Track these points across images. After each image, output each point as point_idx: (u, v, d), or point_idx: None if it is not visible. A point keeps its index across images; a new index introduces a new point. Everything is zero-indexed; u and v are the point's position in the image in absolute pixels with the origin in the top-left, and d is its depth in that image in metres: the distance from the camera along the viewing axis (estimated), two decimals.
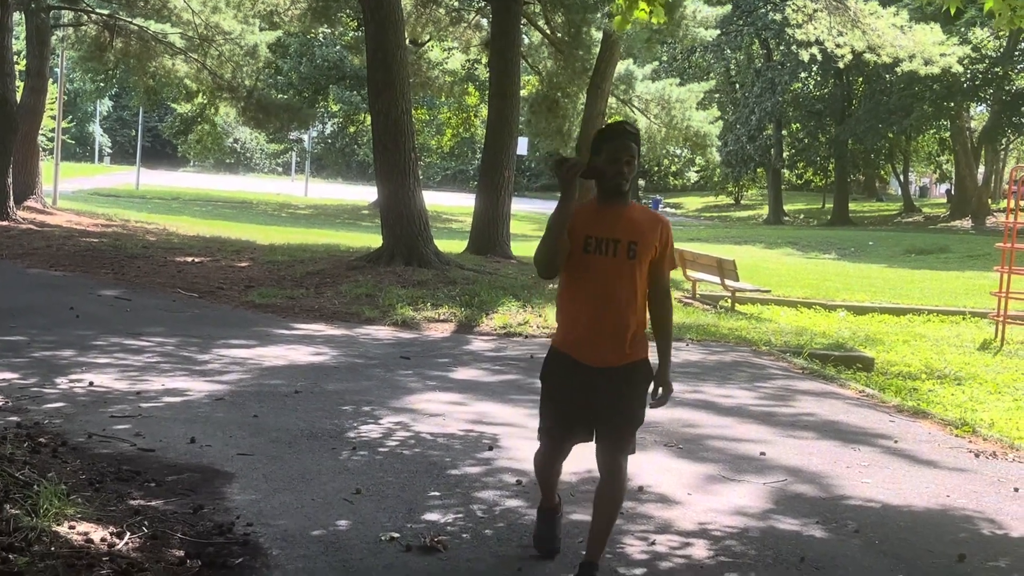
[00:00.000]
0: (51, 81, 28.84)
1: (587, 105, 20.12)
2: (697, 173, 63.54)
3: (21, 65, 25.03)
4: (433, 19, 23.66)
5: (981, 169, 48.17)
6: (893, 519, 5.40)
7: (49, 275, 13.67)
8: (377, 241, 16.08)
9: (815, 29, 21.37)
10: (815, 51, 22.73)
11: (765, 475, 6.07)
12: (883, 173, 59.26)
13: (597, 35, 21.24)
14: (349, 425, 6.61)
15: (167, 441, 5.94)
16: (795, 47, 25.57)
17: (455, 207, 43.57)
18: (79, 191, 37.01)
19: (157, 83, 26.30)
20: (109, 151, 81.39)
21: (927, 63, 21.13)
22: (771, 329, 12.53)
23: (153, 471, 5.34)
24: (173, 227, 22.55)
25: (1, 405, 6.52)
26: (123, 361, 8.33)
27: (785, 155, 51.39)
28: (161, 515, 4.65)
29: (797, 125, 51.87)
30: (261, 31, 24.49)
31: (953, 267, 26.47)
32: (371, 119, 15.61)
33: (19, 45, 30.87)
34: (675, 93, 24.40)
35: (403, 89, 14.88)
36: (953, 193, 49.67)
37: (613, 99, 22.78)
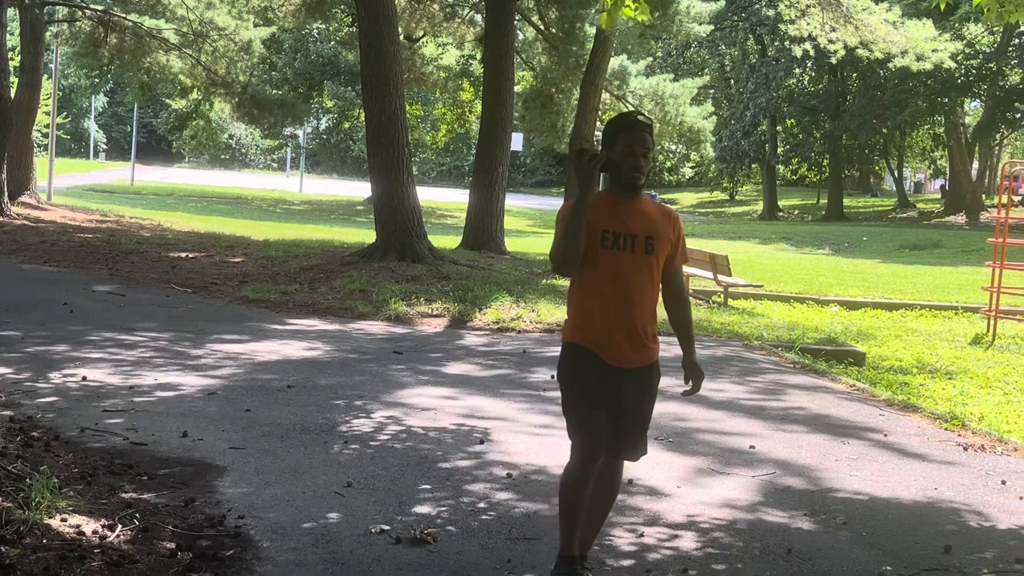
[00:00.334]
0: (46, 77, 28.83)
1: (581, 101, 20.12)
2: (692, 169, 63.61)
3: (15, 61, 25.04)
4: (427, 15, 23.70)
5: (975, 165, 48.28)
6: (881, 511, 5.44)
7: (43, 271, 13.67)
8: (371, 237, 16.10)
9: (808, 25, 21.38)
10: (808, 47, 22.76)
11: (754, 468, 6.11)
12: (877, 169, 59.31)
13: (590, 31, 21.25)
14: (341, 419, 6.65)
15: (159, 435, 5.97)
16: (788, 43, 25.57)
17: (450, 203, 43.54)
18: (74, 187, 37.03)
19: (152, 79, 26.31)
20: (104, 147, 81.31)
21: (919, 59, 21.17)
22: (763, 324, 12.57)
23: (145, 465, 5.37)
24: (168, 223, 22.55)
25: None
26: (116, 356, 8.36)
27: (779, 151, 51.42)
28: (153, 508, 4.69)
29: (791, 121, 51.91)
30: (255, 27, 24.51)
31: (947, 263, 26.53)
32: (365, 115, 15.62)
33: (13, 41, 30.84)
34: (669, 89, 24.42)
35: (397, 85, 14.89)
36: (947, 189, 49.77)
37: (607, 95, 22.78)
